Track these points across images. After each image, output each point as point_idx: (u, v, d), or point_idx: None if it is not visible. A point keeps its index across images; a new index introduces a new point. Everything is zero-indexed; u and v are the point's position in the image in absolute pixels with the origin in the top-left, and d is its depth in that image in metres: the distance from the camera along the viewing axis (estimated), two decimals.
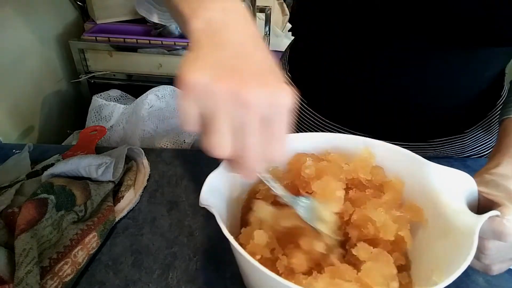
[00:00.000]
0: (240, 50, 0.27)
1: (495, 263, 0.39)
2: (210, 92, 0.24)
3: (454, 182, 0.38)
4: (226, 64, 0.25)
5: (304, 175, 0.41)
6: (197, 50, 0.26)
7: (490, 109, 0.62)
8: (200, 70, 0.25)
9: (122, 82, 1.25)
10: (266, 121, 0.26)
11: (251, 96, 0.24)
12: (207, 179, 0.36)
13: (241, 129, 0.26)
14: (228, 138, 0.26)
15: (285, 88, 0.26)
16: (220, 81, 0.24)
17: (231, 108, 0.25)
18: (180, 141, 0.88)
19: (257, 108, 0.25)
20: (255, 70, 0.26)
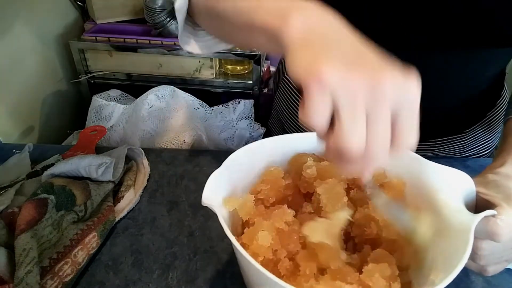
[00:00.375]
0: (352, 46, 0.27)
1: (490, 264, 0.39)
2: (345, 84, 0.24)
3: (452, 181, 0.38)
4: (348, 58, 0.25)
5: (306, 175, 0.41)
6: (308, 48, 0.26)
7: (490, 109, 0.62)
8: (330, 62, 0.24)
9: (122, 82, 1.25)
10: (396, 113, 0.25)
11: (386, 87, 0.24)
12: (209, 179, 0.36)
13: (374, 120, 0.25)
14: (363, 131, 0.25)
15: (413, 78, 0.26)
16: (354, 73, 0.24)
17: (366, 98, 0.24)
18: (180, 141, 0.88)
19: (392, 97, 0.24)
20: (377, 62, 0.26)
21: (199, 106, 1.02)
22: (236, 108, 1.07)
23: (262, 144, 0.43)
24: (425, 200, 0.39)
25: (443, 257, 0.34)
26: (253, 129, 1.05)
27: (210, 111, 1.03)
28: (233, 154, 0.40)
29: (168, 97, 1.00)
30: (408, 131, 0.26)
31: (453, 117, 0.60)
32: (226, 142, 1.01)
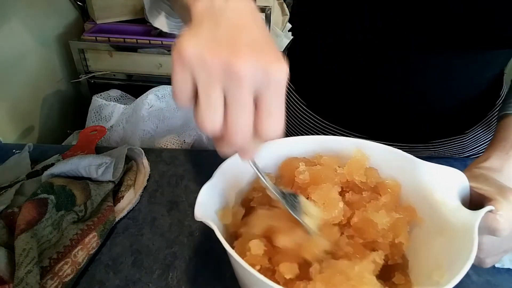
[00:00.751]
0: (236, 26, 0.26)
1: (489, 256, 0.40)
2: (203, 62, 0.24)
3: (446, 179, 0.38)
4: (222, 38, 0.25)
5: (299, 181, 0.41)
6: (194, 27, 0.26)
7: (490, 109, 0.63)
8: (195, 42, 0.24)
9: (122, 82, 1.25)
10: (259, 95, 0.25)
11: (244, 67, 0.24)
12: (200, 194, 0.35)
13: (232, 102, 0.25)
14: (219, 111, 0.25)
15: (280, 61, 0.25)
16: (213, 52, 0.24)
17: (222, 79, 0.24)
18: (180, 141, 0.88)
19: (249, 80, 0.24)
20: (251, 43, 0.25)
21: None
22: None
23: None
24: (421, 200, 0.39)
25: (446, 257, 0.34)
26: None
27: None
28: (222, 164, 0.39)
29: (168, 97, 1.00)
30: (271, 114, 0.25)
31: (453, 118, 0.60)
32: None
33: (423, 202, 0.39)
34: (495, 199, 0.36)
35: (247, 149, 0.27)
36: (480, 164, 0.42)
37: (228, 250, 0.31)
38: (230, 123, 0.25)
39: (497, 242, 0.38)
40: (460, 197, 0.37)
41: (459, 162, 0.63)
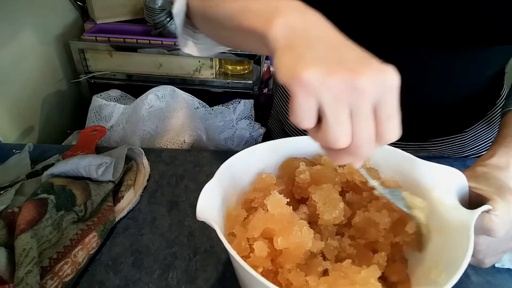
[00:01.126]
0: (332, 45, 0.28)
1: (487, 257, 0.39)
2: (326, 85, 0.25)
3: (445, 178, 0.38)
4: (328, 58, 0.26)
5: (299, 181, 0.41)
6: (291, 50, 0.27)
7: (490, 109, 0.63)
8: (311, 65, 0.25)
9: (122, 82, 1.25)
10: (378, 103, 0.26)
11: (365, 82, 0.25)
12: (202, 193, 0.35)
13: (357, 115, 0.26)
14: (347, 127, 0.26)
15: (389, 68, 0.27)
16: (332, 74, 0.25)
17: (347, 97, 0.25)
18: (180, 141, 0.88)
19: (371, 92, 0.25)
20: (355, 59, 0.27)
21: (199, 106, 1.02)
22: (236, 108, 1.07)
23: (253, 151, 0.42)
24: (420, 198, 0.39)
25: (443, 256, 0.34)
26: (253, 129, 1.05)
27: (210, 111, 1.03)
28: (224, 164, 0.39)
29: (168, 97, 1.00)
30: (390, 118, 0.27)
31: (452, 116, 0.60)
32: (226, 142, 1.01)
33: None
34: (492, 199, 0.36)
35: (364, 155, 0.28)
36: (485, 162, 0.42)
37: (230, 252, 0.31)
38: (357, 136, 0.26)
39: (494, 243, 0.37)
40: (458, 197, 0.37)
41: (458, 162, 0.63)
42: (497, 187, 0.37)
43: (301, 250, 0.35)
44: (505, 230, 0.35)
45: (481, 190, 0.37)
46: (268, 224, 0.36)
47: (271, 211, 0.37)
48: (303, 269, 0.35)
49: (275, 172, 0.45)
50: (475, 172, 0.40)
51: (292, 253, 0.35)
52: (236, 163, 0.40)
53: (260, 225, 0.36)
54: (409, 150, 0.42)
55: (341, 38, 0.29)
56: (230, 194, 0.40)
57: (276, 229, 0.36)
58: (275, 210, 0.37)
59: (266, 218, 0.36)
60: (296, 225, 0.36)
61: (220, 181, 0.38)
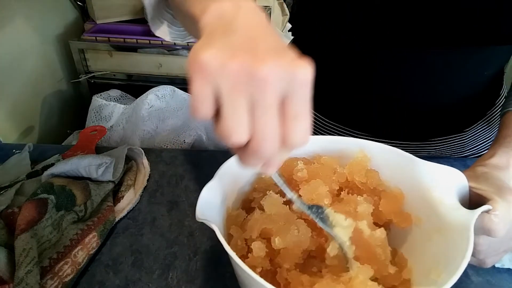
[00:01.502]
0: (251, 34, 0.25)
1: (488, 257, 0.39)
2: (224, 70, 0.23)
3: (445, 178, 0.38)
4: (239, 45, 0.24)
5: (297, 179, 0.41)
6: (207, 37, 0.25)
7: (490, 108, 0.63)
8: (213, 51, 0.23)
9: (122, 82, 1.25)
10: (285, 99, 0.24)
11: (268, 71, 0.22)
12: (201, 194, 0.35)
13: (258, 109, 0.23)
14: (244, 121, 0.23)
15: (303, 61, 0.24)
16: (233, 59, 0.23)
17: (246, 85, 0.23)
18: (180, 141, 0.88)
19: (274, 83, 0.23)
20: (269, 48, 0.24)
21: None
22: None
23: None
24: (420, 198, 0.39)
25: (443, 256, 0.34)
26: None
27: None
28: (223, 164, 0.39)
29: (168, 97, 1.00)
30: (297, 117, 0.24)
31: (452, 116, 0.60)
32: None
33: (422, 201, 0.39)
34: (492, 199, 0.36)
35: (273, 160, 0.26)
36: (485, 162, 0.42)
37: (230, 253, 0.31)
38: (257, 131, 0.23)
39: (495, 243, 0.37)
40: (458, 197, 0.37)
41: (458, 162, 0.63)
42: (497, 187, 0.37)
43: (299, 249, 0.35)
44: (505, 230, 0.35)
45: (481, 190, 0.37)
46: (265, 225, 0.36)
47: (268, 211, 0.37)
48: (302, 269, 0.35)
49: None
50: (475, 172, 0.41)
51: (290, 253, 0.35)
52: (235, 164, 0.40)
53: (258, 226, 0.36)
54: (409, 150, 0.42)
55: (266, 29, 0.26)
56: (229, 195, 0.40)
57: (274, 229, 0.36)
58: (272, 210, 0.36)
59: (263, 218, 0.36)
60: (293, 224, 0.36)
61: (219, 182, 0.38)
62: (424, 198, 0.39)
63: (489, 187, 0.37)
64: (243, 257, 0.36)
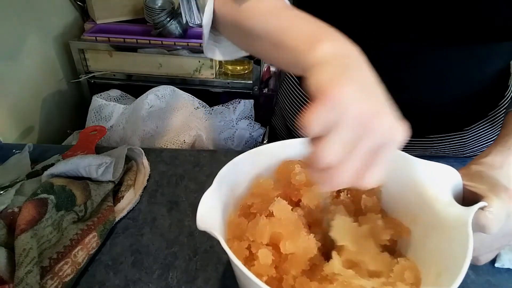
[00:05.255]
0: (366, 79, 0.30)
1: (482, 254, 0.40)
2: (352, 109, 0.27)
3: (439, 175, 0.39)
4: (363, 89, 0.28)
5: (295, 183, 0.41)
6: (333, 69, 0.29)
7: (492, 109, 0.62)
8: (350, 87, 0.27)
9: (122, 82, 1.25)
10: (376, 149, 0.28)
11: (380, 125, 0.27)
12: (200, 203, 0.35)
13: (355, 149, 0.27)
14: (342, 149, 0.27)
15: (403, 125, 0.28)
16: (362, 102, 0.27)
17: (360, 129, 0.27)
18: (180, 141, 0.88)
19: (379, 137, 0.27)
20: (382, 101, 0.29)
21: (199, 106, 1.02)
22: (236, 108, 1.07)
23: (250, 155, 0.42)
24: (415, 197, 0.39)
25: (441, 254, 0.34)
26: (253, 129, 1.05)
27: (210, 111, 1.03)
28: (221, 170, 0.39)
29: (168, 97, 1.00)
30: (377, 165, 0.28)
31: (453, 113, 0.60)
32: (226, 142, 1.01)
33: (417, 199, 0.39)
34: (487, 196, 0.36)
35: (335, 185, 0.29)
36: (480, 160, 0.42)
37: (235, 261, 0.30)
38: (344, 162, 0.27)
39: (488, 240, 0.38)
40: (453, 194, 0.37)
41: (458, 162, 0.63)
42: (492, 185, 0.37)
43: (307, 255, 0.35)
44: (498, 227, 0.35)
45: (475, 187, 0.38)
46: (275, 229, 0.36)
47: (278, 215, 0.36)
48: (308, 275, 0.35)
49: (272, 176, 0.45)
50: (470, 170, 0.41)
51: (298, 259, 0.35)
52: (233, 169, 0.40)
53: (267, 230, 0.35)
54: (408, 147, 0.42)
55: (373, 76, 0.31)
56: (228, 201, 0.40)
57: (284, 233, 0.35)
58: (281, 215, 0.36)
59: (273, 222, 0.36)
60: (303, 230, 0.35)
61: (218, 188, 0.37)
62: (419, 196, 0.39)
63: (483, 184, 0.37)
64: (246, 263, 0.36)
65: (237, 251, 0.36)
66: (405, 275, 0.35)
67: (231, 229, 0.39)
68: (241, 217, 0.40)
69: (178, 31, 1.20)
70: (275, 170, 0.44)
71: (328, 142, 0.27)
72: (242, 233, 0.38)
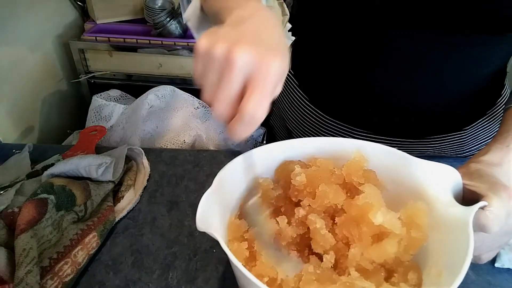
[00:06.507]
0: (253, 30, 0.32)
1: (483, 253, 0.40)
2: (209, 53, 0.30)
3: (439, 176, 0.38)
4: (233, 36, 0.30)
5: (295, 184, 0.41)
6: (223, 28, 0.32)
7: (490, 108, 0.63)
8: (208, 37, 0.30)
9: (122, 82, 1.25)
10: (248, 79, 0.30)
11: (239, 56, 0.28)
12: (200, 204, 0.35)
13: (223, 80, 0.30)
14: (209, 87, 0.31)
15: (279, 58, 0.30)
16: (217, 44, 0.29)
17: (220, 66, 0.29)
18: (180, 141, 0.88)
19: (241, 65, 0.29)
20: (254, 40, 0.30)
21: (199, 106, 1.02)
22: None
23: (249, 156, 0.42)
24: (416, 197, 0.39)
25: (442, 254, 0.34)
26: None
27: (210, 111, 1.03)
28: (220, 171, 0.39)
29: (168, 97, 1.00)
30: (252, 95, 0.29)
31: (452, 113, 0.60)
32: (226, 142, 1.01)
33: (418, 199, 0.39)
34: (486, 195, 0.36)
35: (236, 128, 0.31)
36: (478, 158, 0.42)
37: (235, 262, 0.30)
38: (216, 95, 0.30)
39: (489, 239, 0.38)
40: (453, 194, 0.37)
41: (458, 162, 0.63)
42: (491, 183, 0.37)
43: None
44: (499, 226, 0.35)
45: (475, 186, 0.38)
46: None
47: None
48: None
49: (272, 176, 0.45)
50: (469, 168, 0.41)
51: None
52: (233, 169, 0.40)
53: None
54: (408, 148, 0.42)
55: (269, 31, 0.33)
56: (228, 201, 0.40)
57: None
58: None
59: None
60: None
61: (217, 189, 0.37)
62: (420, 196, 0.39)
63: (482, 183, 0.37)
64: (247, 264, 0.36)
65: (237, 252, 0.36)
66: (408, 276, 0.35)
67: (231, 230, 0.39)
68: (241, 218, 0.40)
69: (178, 31, 1.20)
70: (275, 171, 0.44)
71: (202, 87, 0.31)
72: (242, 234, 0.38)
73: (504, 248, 0.46)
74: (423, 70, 0.52)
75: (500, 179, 0.38)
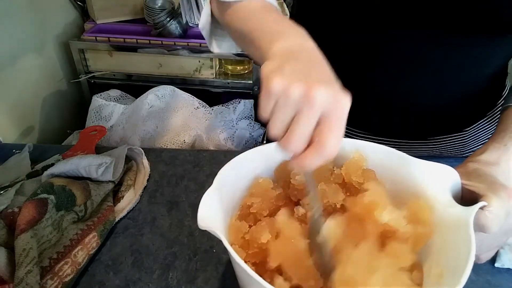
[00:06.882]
0: (310, 65, 0.33)
1: (482, 253, 0.40)
2: (287, 92, 0.30)
3: (438, 176, 0.38)
4: (300, 73, 0.31)
5: (295, 183, 0.41)
6: (275, 60, 0.33)
7: (491, 109, 0.62)
8: (280, 76, 0.31)
9: (122, 82, 1.25)
10: (324, 116, 0.30)
11: (317, 94, 0.29)
12: (201, 203, 0.35)
13: (298, 117, 0.31)
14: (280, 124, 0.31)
15: (345, 93, 0.31)
16: (293, 85, 0.30)
17: (297, 103, 0.30)
18: (180, 141, 0.88)
19: (318, 103, 0.29)
20: (322, 78, 0.32)
21: (199, 106, 1.02)
22: (236, 108, 1.07)
23: (250, 155, 0.42)
24: (415, 197, 0.39)
25: (444, 255, 0.34)
26: (253, 129, 1.05)
27: (210, 111, 1.03)
28: (221, 170, 0.39)
29: (168, 97, 1.00)
30: (331, 132, 0.30)
31: (452, 114, 0.60)
32: (226, 142, 1.01)
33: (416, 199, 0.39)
34: (485, 195, 0.36)
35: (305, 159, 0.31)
36: (476, 157, 0.42)
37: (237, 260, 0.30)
38: (290, 131, 0.31)
39: (488, 238, 0.38)
40: (452, 194, 0.37)
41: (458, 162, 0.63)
42: (489, 183, 0.37)
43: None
44: (499, 226, 0.35)
45: (474, 186, 0.38)
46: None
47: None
48: None
49: (271, 176, 0.45)
50: (467, 168, 0.41)
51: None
52: (233, 169, 0.40)
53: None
54: (409, 149, 0.42)
55: (321, 65, 0.34)
56: (228, 201, 0.40)
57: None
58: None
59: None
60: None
61: (218, 188, 0.37)
62: (419, 196, 0.39)
63: (481, 183, 0.37)
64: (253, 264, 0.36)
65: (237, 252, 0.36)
66: (413, 275, 0.35)
67: (231, 232, 0.39)
68: (242, 220, 0.40)
69: (178, 31, 1.20)
70: (275, 170, 0.44)
71: (270, 122, 0.32)
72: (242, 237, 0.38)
73: (504, 248, 0.46)
74: (423, 70, 0.52)
75: (498, 178, 0.38)
